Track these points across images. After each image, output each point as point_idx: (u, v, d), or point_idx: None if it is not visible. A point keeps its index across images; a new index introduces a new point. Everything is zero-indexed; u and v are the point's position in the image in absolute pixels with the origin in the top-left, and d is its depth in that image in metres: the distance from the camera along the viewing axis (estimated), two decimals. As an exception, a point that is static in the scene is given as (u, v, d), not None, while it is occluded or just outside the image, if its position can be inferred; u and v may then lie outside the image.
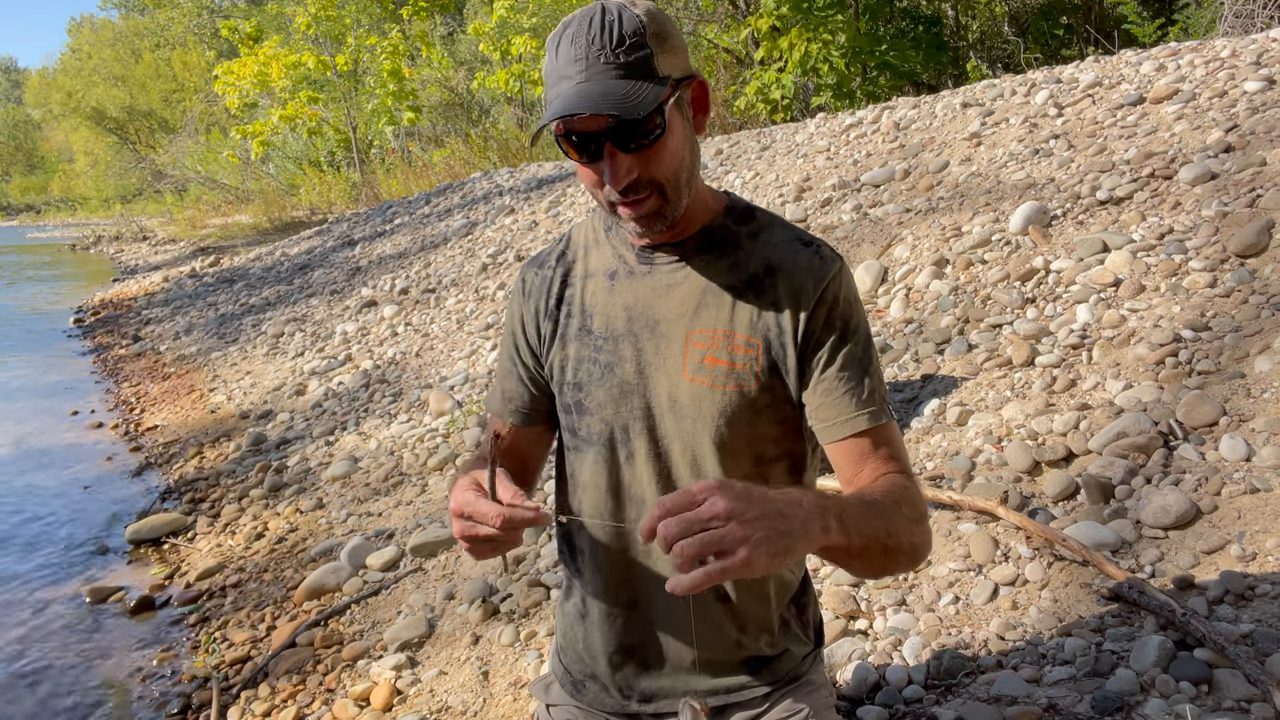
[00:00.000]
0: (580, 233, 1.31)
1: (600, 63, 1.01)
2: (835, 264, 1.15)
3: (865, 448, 1.12)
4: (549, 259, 1.30)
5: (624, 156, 1.04)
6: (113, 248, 20.94)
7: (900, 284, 3.55)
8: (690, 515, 0.81)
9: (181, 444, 4.90)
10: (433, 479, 3.62)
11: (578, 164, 1.09)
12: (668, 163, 1.07)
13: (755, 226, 1.19)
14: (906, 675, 1.87)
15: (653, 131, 1.04)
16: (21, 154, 61.21)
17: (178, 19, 34.14)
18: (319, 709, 2.40)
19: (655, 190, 1.07)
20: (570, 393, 1.23)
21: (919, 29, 9.39)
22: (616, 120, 1.01)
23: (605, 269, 1.23)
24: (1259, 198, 2.95)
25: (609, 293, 1.22)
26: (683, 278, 1.18)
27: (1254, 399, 2.29)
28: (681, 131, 1.09)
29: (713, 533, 0.80)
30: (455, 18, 20.97)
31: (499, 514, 0.96)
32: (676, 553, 0.80)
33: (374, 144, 18.52)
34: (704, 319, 1.16)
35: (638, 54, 1.02)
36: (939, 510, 2.38)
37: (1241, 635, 1.70)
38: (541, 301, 1.27)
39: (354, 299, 6.92)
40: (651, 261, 1.20)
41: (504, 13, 13.52)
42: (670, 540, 0.80)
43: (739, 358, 1.14)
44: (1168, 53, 4.54)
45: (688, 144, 1.11)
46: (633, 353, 1.19)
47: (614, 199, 1.08)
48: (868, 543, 0.96)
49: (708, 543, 0.80)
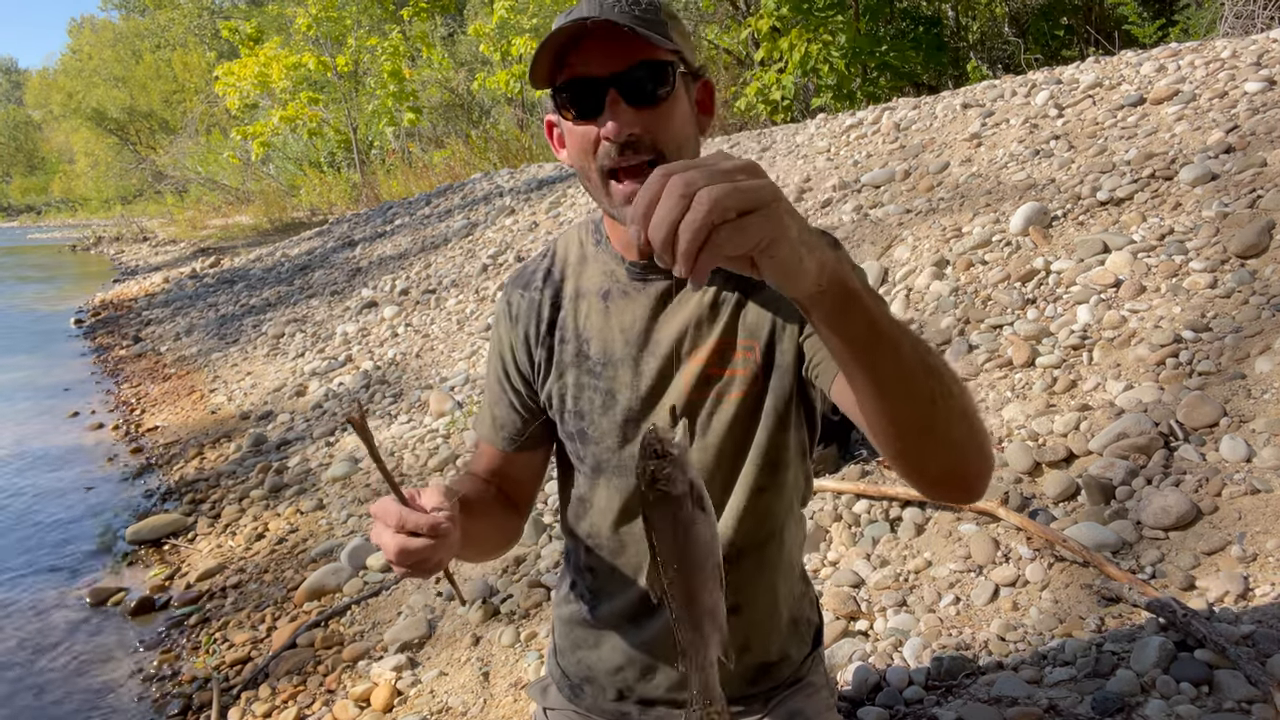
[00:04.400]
0: (565, 247, 1.24)
1: (614, 10, 0.97)
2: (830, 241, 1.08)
3: None
4: (534, 279, 1.23)
5: (628, 108, 0.99)
6: (113, 248, 20.94)
7: (900, 285, 3.55)
8: (716, 167, 0.62)
9: (182, 445, 4.89)
10: (433, 479, 3.62)
11: (570, 126, 1.03)
12: (673, 129, 1.01)
13: None
14: (907, 676, 1.87)
15: (662, 89, 0.99)
16: (22, 155, 61.23)
17: (178, 20, 34.15)
18: (319, 710, 2.40)
19: (656, 157, 1.00)
20: (572, 421, 1.19)
21: (919, 30, 9.39)
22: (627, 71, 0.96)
23: (597, 288, 1.18)
24: (1259, 198, 2.94)
25: (604, 315, 1.17)
26: (681, 297, 1.13)
27: (1254, 400, 2.28)
28: (687, 113, 1.05)
29: (746, 181, 0.61)
30: (455, 19, 20.96)
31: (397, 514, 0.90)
32: (704, 206, 0.59)
33: (374, 145, 18.53)
34: (704, 333, 1.12)
35: (653, 16, 0.99)
36: (939, 511, 2.38)
37: (1242, 636, 1.70)
38: (531, 328, 1.22)
39: (354, 300, 6.92)
40: (645, 278, 1.15)
41: (504, 14, 13.53)
42: (690, 188, 0.60)
43: (739, 363, 1.11)
44: (1168, 53, 4.54)
45: (692, 130, 1.06)
46: (632, 378, 1.15)
47: (609, 163, 1.01)
48: (904, 342, 0.76)
49: (741, 190, 0.60)
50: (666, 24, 1.01)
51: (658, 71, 0.99)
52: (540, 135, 13.95)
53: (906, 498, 2.44)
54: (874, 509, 2.48)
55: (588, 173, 1.05)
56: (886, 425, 0.81)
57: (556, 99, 1.02)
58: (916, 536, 2.34)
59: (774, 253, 0.62)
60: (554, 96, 1.02)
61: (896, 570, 2.23)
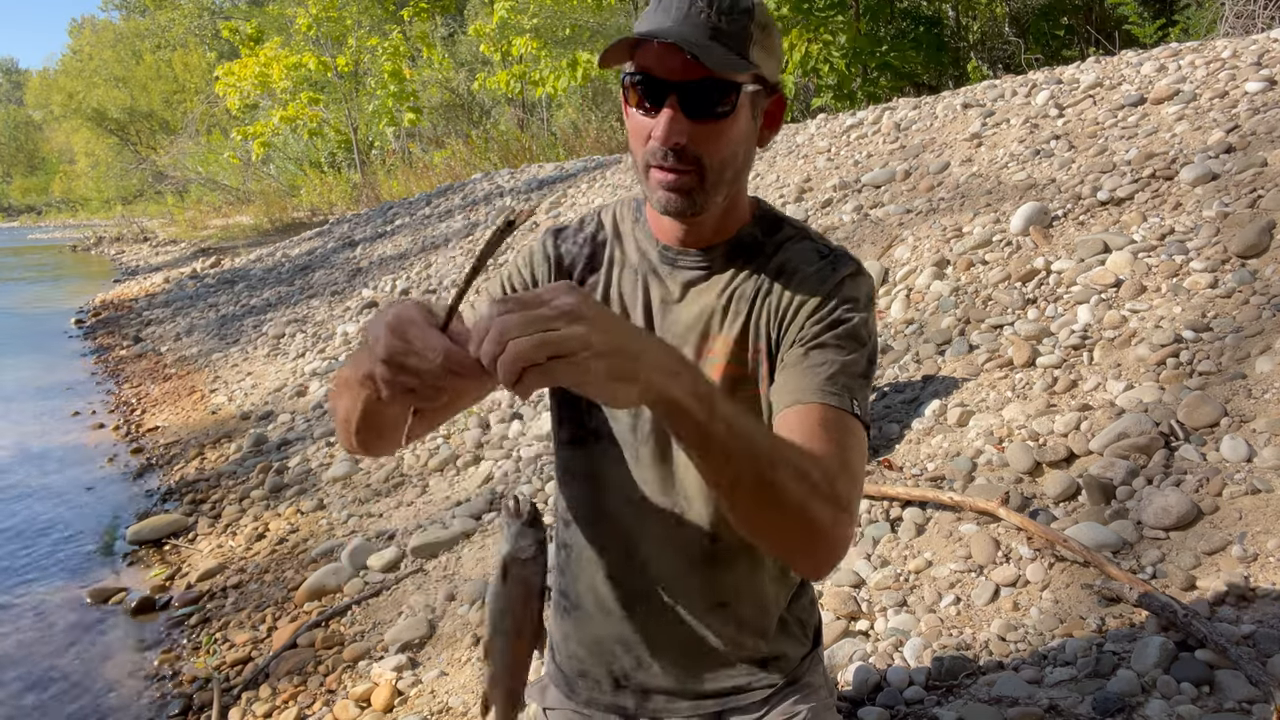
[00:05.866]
0: (609, 217, 1.25)
1: (700, 18, 0.98)
2: (847, 267, 1.11)
3: (795, 424, 0.98)
4: (577, 235, 1.23)
5: (683, 118, 1.00)
6: (113, 249, 20.94)
7: (901, 285, 3.55)
8: (534, 313, 0.70)
9: (182, 445, 4.90)
10: (433, 480, 3.62)
11: (631, 111, 1.05)
12: (721, 148, 1.02)
13: (781, 237, 1.15)
14: (908, 676, 1.87)
15: (721, 108, 1.00)
16: (23, 155, 61.29)
17: (179, 20, 34.19)
18: (320, 710, 2.40)
19: (696, 168, 1.02)
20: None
21: (919, 29, 9.39)
22: (691, 82, 0.97)
23: (631, 262, 1.19)
24: (1260, 198, 2.94)
25: (633, 288, 1.18)
26: (705, 287, 1.14)
27: (1255, 400, 2.28)
28: (746, 129, 1.05)
29: (554, 332, 0.69)
30: (456, 19, 20.98)
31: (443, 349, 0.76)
32: (511, 353, 0.68)
33: (375, 145, 18.54)
34: (721, 329, 1.13)
35: (739, 27, 0.99)
36: (940, 511, 2.38)
37: (1243, 636, 1.70)
38: (555, 275, 1.21)
39: (355, 300, 6.92)
40: (674, 264, 1.16)
41: (505, 14, 13.54)
42: (504, 338, 0.69)
43: (749, 363, 1.12)
44: (1168, 53, 4.54)
45: (746, 145, 1.07)
46: None
47: (652, 159, 1.03)
48: (735, 449, 0.82)
49: (547, 342, 0.69)
50: (751, 37, 1.01)
51: (722, 91, 0.99)
52: (540, 136, 13.98)
53: (907, 497, 2.44)
54: (874, 509, 2.48)
55: (636, 155, 1.07)
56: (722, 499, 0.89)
57: (626, 79, 1.03)
58: (917, 536, 2.34)
59: (584, 389, 0.73)
60: (624, 76, 1.04)
61: (897, 570, 2.23)
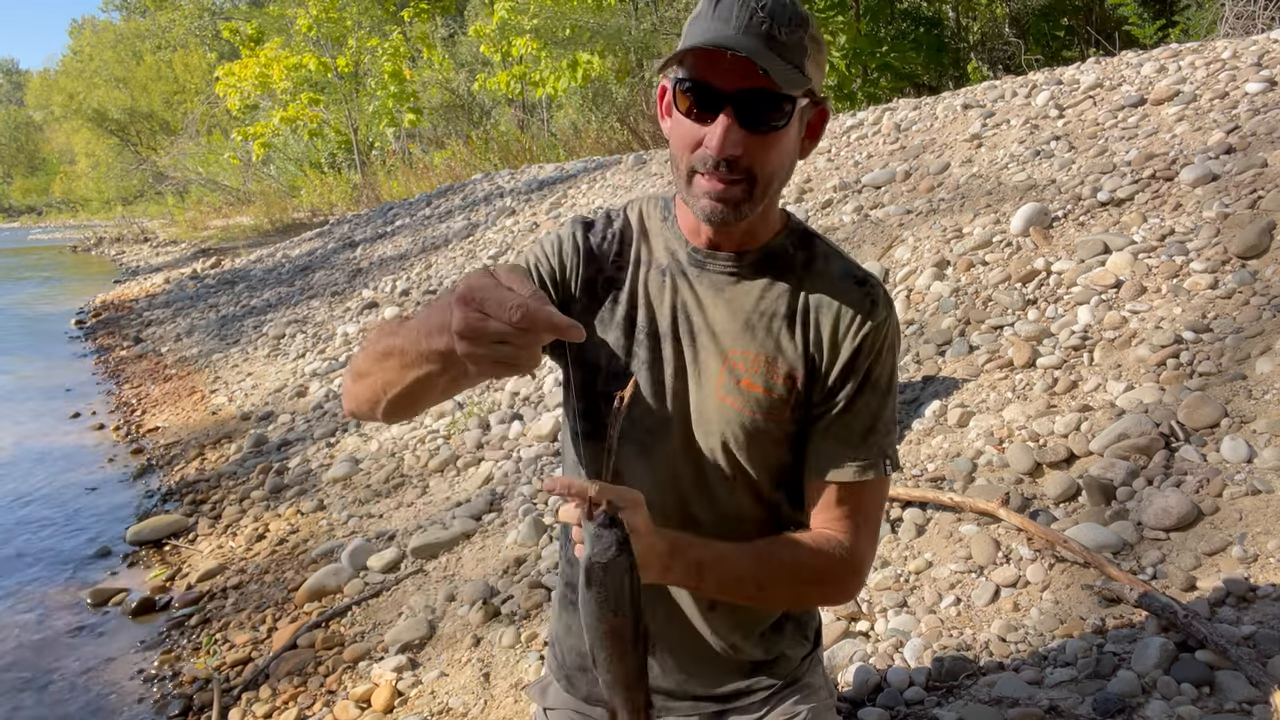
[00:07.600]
0: (638, 213, 1.23)
1: (761, 29, 0.97)
2: (883, 314, 1.12)
3: (830, 498, 1.13)
4: (606, 230, 1.21)
5: (738, 129, 0.99)
6: (114, 249, 20.94)
7: (901, 285, 3.55)
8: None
9: (183, 445, 4.90)
10: (433, 480, 3.62)
11: (678, 116, 1.03)
12: (772, 160, 1.03)
13: (811, 254, 1.15)
14: (908, 677, 1.87)
15: (778, 120, 1.00)
16: (23, 155, 61.29)
17: (179, 21, 34.17)
18: (320, 710, 2.40)
19: (746, 180, 1.02)
20: (602, 382, 1.17)
21: (920, 30, 9.40)
22: (747, 93, 0.97)
23: (659, 262, 1.18)
24: (1260, 199, 2.95)
25: (660, 288, 1.17)
26: (734, 293, 1.14)
27: (1255, 400, 2.29)
28: (793, 143, 1.05)
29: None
30: (456, 19, 20.98)
31: (520, 304, 0.74)
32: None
33: (375, 145, 18.54)
34: (747, 340, 1.12)
35: (796, 40, 0.99)
36: (940, 512, 2.38)
37: (1243, 637, 1.70)
38: (584, 267, 1.19)
39: (355, 300, 6.92)
40: (703, 266, 1.15)
41: (505, 14, 13.53)
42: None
43: (776, 387, 1.11)
44: (1168, 54, 4.54)
45: (791, 160, 1.07)
46: (673, 355, 1.15)
47: (701, 168, 1.02)
48: (726, 590, 1.09)
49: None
50: (806, 51, 1.01)
51: (778, 103, 0.99)
52: (540, 136, 13.97)
53: (907, 498, 2.44)
54: (874, 510, 2.47)
55: (679, 160, 1.06)
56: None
57: (678, 85, 1.02)
58: (917, 537, 2.34)
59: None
60: (677, 82, 1.02)
61: (897, 571, 2.23)
